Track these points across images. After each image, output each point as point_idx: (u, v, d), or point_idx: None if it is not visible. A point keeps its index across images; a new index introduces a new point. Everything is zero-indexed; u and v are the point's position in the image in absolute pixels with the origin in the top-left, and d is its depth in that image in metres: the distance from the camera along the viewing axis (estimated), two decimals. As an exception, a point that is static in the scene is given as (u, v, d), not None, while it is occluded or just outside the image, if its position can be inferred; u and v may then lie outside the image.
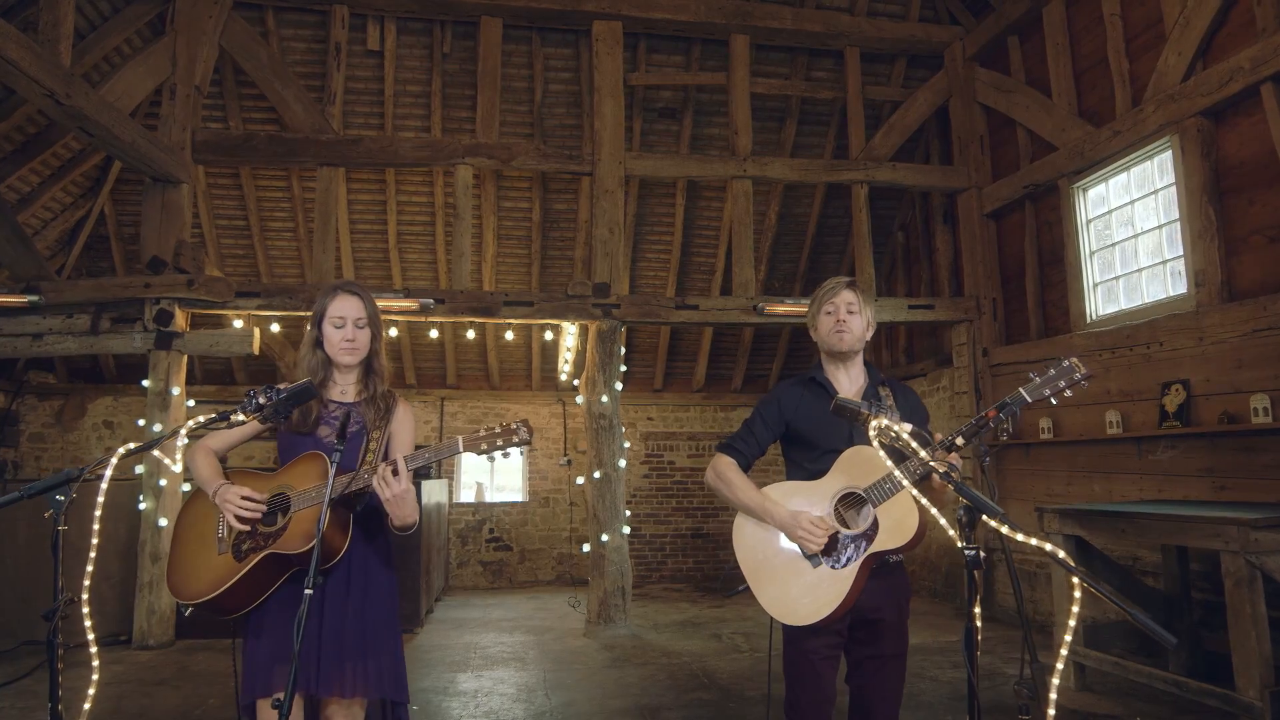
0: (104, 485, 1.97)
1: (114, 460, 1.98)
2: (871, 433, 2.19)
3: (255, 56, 6.66)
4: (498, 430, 2.31)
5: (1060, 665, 1.85)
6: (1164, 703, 4.25)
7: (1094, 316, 6.11)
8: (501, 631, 6.74)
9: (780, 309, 7.13)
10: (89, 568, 1.96)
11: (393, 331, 8.42)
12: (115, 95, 5.88)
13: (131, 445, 2.04)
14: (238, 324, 6.84)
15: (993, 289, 7.25)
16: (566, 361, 8.88)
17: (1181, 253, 5.32)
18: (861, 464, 2.47)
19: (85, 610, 1.95)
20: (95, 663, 2.02)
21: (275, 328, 7.62)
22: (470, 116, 7.68)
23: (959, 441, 2.26)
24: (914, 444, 2.15)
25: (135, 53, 6.48)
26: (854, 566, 2.39)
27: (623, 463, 6.86)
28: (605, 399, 6.83)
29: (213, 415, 2.12)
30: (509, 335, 8.54)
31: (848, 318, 2.61)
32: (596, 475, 6.73)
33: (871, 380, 2.71)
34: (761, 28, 7.30)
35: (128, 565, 6.25)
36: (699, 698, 4.76)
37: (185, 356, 6.32)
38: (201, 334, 6.27)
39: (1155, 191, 5.65)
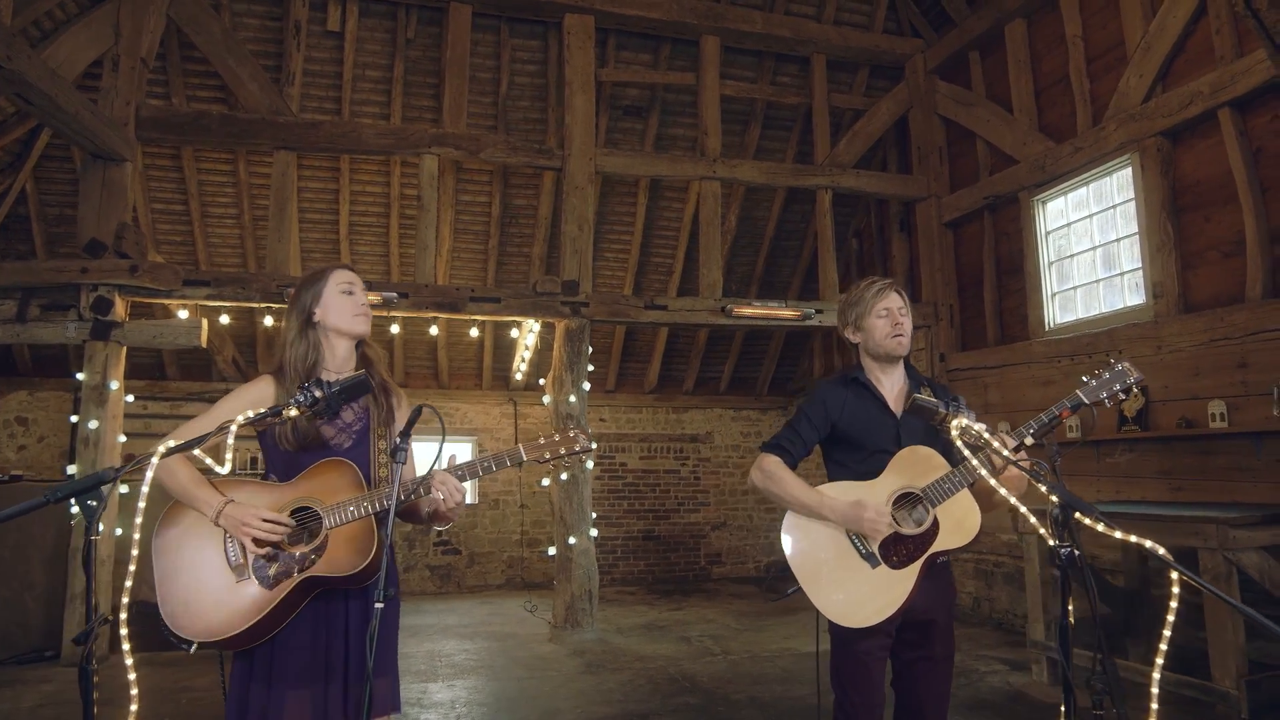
0: (144, 489, 1.75)
1: (154, 460, 1.76)
2: (954, 432, 2.18)
3: (207, 30, 6.24)
4: (558, 438, 2.19)
5: (1160, 659, 1.88)
6: (1138, 694, 4.43)
7: (1052, 324, 6.36)
8: (462, 638, 6.52)
9: (747, 311, 7.16)
10: (128, 583, 1.74)
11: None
12: (55, 63, 5.40)
13: (171, 443, 1.82)
14: (182, 314, 6.39)
15: (950, 296, 7.46)
16: (524, 360, 8.68)
17: (1139, 265, 5.59)
18: (917, 464, 2.46)
19: (124, 632, 1.74)
20: (134, 690, 1.81)
21: (225, 319, 7.16)
22: (432, 105, 7.43)
23: (1028, 440, 2.28)
24: (995, 443, 2.15)
25: (71, 19, 5.97)
26: (915, 567, 2.38)
27: (590, 464, 6.74)
28: (573, 399, 6.70)
29: (261, 411, 1.93)
30: (474, 332, 8.29)
31: (902, 320, 2.58)
32: (564, 477, 6.59)
33: (913, 380, 2.69)
34: (732, 30, 7.32)
35: (54, 575, 5.76)
36: (684, 702, 4.70)
37: (124, 348, 5.86)
38: (144, 324, 5.83)
39: (1114, 206, 5.92)
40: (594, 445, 2.20)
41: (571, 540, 6.51)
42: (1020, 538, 5.00)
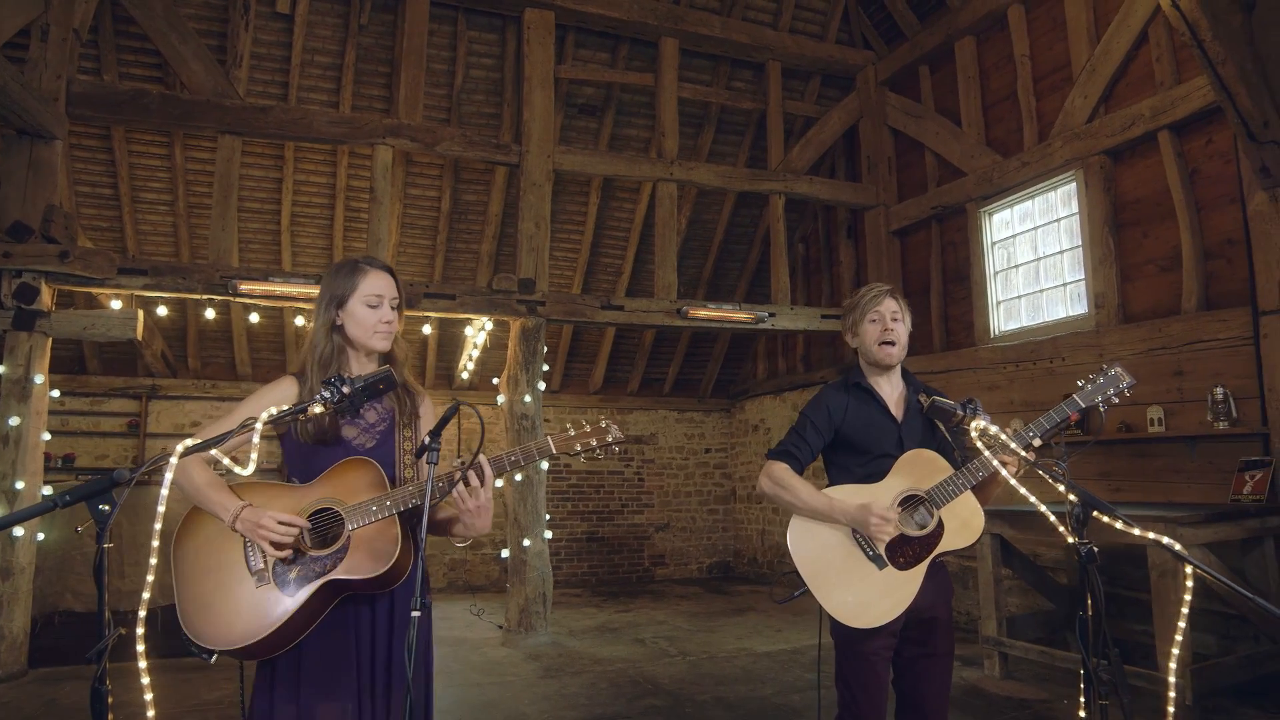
0: (164, 492, 1.62)
1: (173, 460, 1.64)
2: (973, 434, 2.24)
3: (147, 4, 5.88)
4: (589, 429, 2.16)
5: (1176, 650, 1.96)
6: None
7: (997, 332, 6.61)
8: (412, 644, 6.32)
9: (702, 313, 7.19)
10: (145, 595, 1.61)
11: (298, 320, 7.71)
12: (-21, 30, 5.01)
13: (189, 442, 1.70)
14: (116, 304, 6.00)
15: (897, 302, 7.66)
16: (471, 359, 8.50)
17: (1082, 276, 5.87)
18: (922, 466, 2.50)
19: (140, 647, 1.61)
20: (151, 713, 1.68)
21: (162, 310, 6.74)
22: (383, 95, 7.20)
23: (1036, 442, 2.35)
24: (1013, 444, 2.21)
25: (-6, -17, 5.53)
26: (921, 568, 2.42)
27: (545, 465, 6.65)
28: (528, 399, 6.60)
29: (285, 409, 1.81)
30: (426, 329, 8.07)
31: (894, 325, 2.59)
32: (519, 478, 6.48)
33: (912, 388, 2.72)
34: (691, 33, 7.35)
35: (-35, 583, 5.33)
36: (651, 705, 4.68)
37: (50, 340, 5.47)
38: (74, 314, 5.45)
39: (1058, 220, 6.20)
40: (623, 437, 2.18)
41: (526, 542, 6.41)
42: (974, 537, 5.16)
